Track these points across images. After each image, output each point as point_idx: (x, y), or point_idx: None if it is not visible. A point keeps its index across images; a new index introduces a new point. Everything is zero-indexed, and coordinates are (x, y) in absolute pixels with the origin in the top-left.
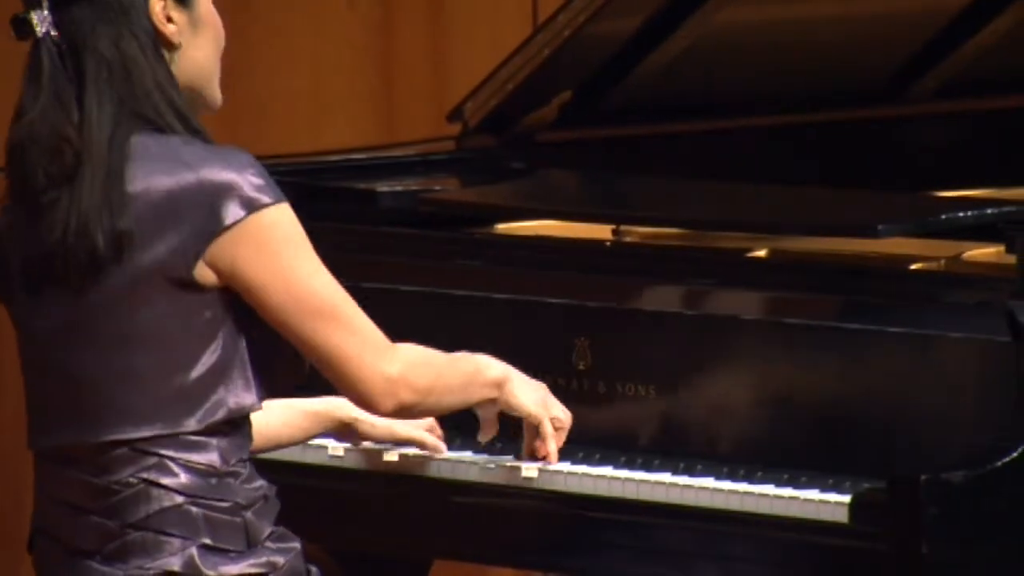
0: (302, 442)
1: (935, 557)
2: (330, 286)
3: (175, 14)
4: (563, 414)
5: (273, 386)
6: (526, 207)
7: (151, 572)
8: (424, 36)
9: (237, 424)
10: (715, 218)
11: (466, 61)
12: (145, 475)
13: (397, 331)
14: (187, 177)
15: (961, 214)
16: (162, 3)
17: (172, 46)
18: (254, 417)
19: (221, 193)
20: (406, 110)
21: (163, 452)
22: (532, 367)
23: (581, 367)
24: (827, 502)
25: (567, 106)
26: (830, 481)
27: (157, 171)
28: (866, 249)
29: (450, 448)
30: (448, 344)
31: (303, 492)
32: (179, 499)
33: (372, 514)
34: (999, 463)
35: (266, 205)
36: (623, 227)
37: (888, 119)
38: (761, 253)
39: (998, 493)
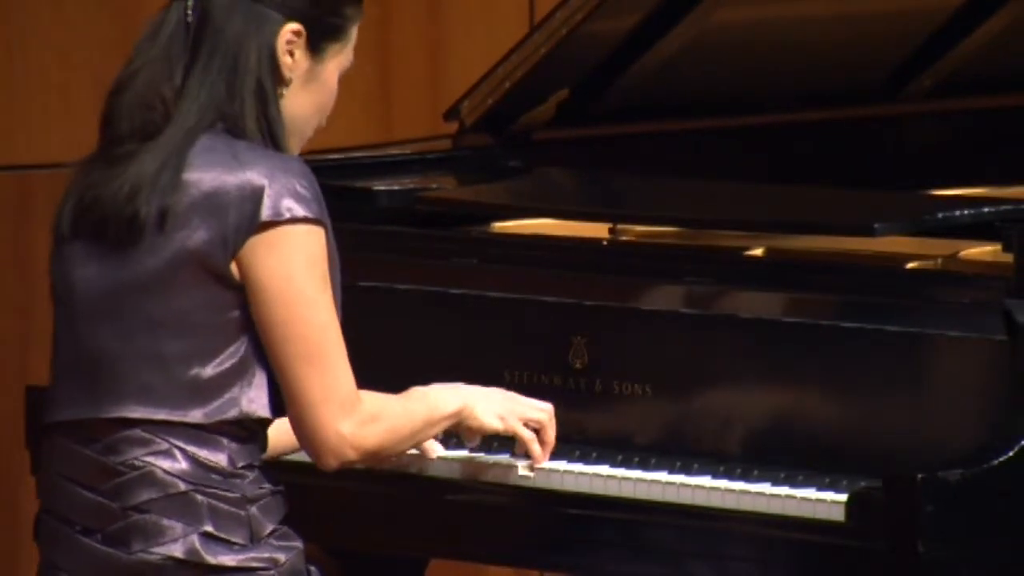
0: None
1: (931, 556)
2: (326, 325)
3: (299, 53)
4: (538, 413)
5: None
6: (523, 206)
7: (153, 557)
8: (421, 35)
9: (251, 431)
10: (712, 217)
11: (463, 60)
12: (151, 459)
13: (393, 330)
14: (239, 174)
15: (957, 213)
16: (293, 36)
17: (281, 79)
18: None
19: (267, 193)
20: (403, 109)
21: (173, 440)
22: (528, 366)
23: (578, 366)
24: (824, 501)
25: (564, 105)
26: (827, 480)
27: (215, 165)
28: (863, 248)
29: (446, 447)
30: (444, 344)
31: (301, 490)
32: (183, 486)
33: (369, 513)
34: (995, 462)
35: (301, 220)
36: (620, 226)
37: (884, 118)
38: (758, 252)
39: (994, 492)
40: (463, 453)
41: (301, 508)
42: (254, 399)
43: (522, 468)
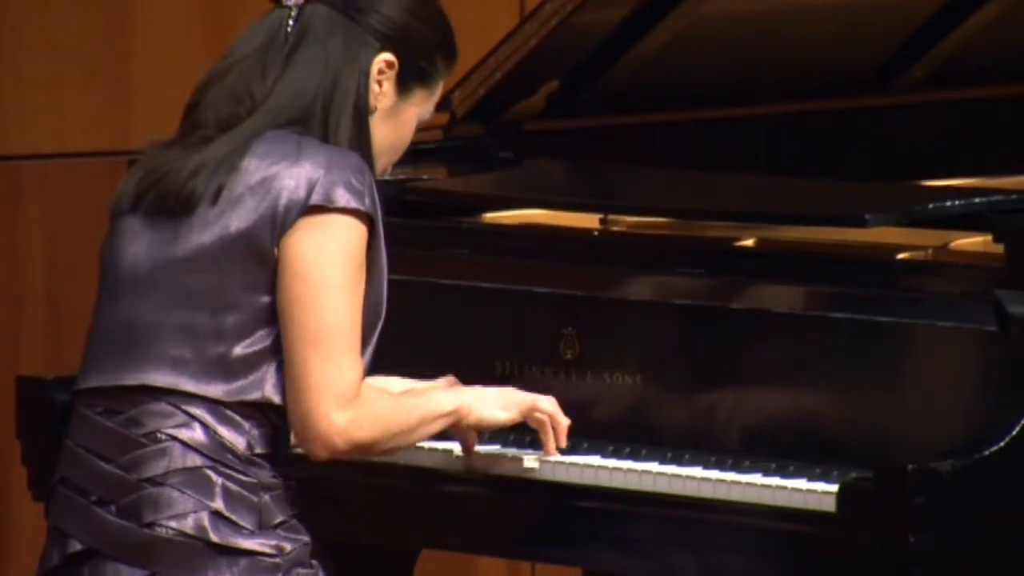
0: None
1: (922, 546)
2: (342, 314)
3: (387, 85)
4: (544, 404)
5: None
6: (513, 196)
7: (163, 530)
8: None
9: (274, 423)
10: (703, 208)
11: None
12: (173, 431)
13: (384, 321)
14: (298, 162)
15: (948, 203)
16: (385, 66)
17: (368, 105)
18: None
19: (322, 180)
20: None
21: (197, 414)
22: (519, 356)
23: (568, 356)
24: (814, 491)
25: (555, 95)
26: (817, 470)
27: (276, 154)
28: (853, 239)
29: (435, 438)
30: (435, 334)
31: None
32: (199, 460)
33: (358, 504)
34: (986, 452)
35: (348, 210)
36: (610, 216)
37: (875, 109)
38: (749, 243)
39: (985, 483)
40: (453, 444)
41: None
42: (278, 385)
43: (528, 460)
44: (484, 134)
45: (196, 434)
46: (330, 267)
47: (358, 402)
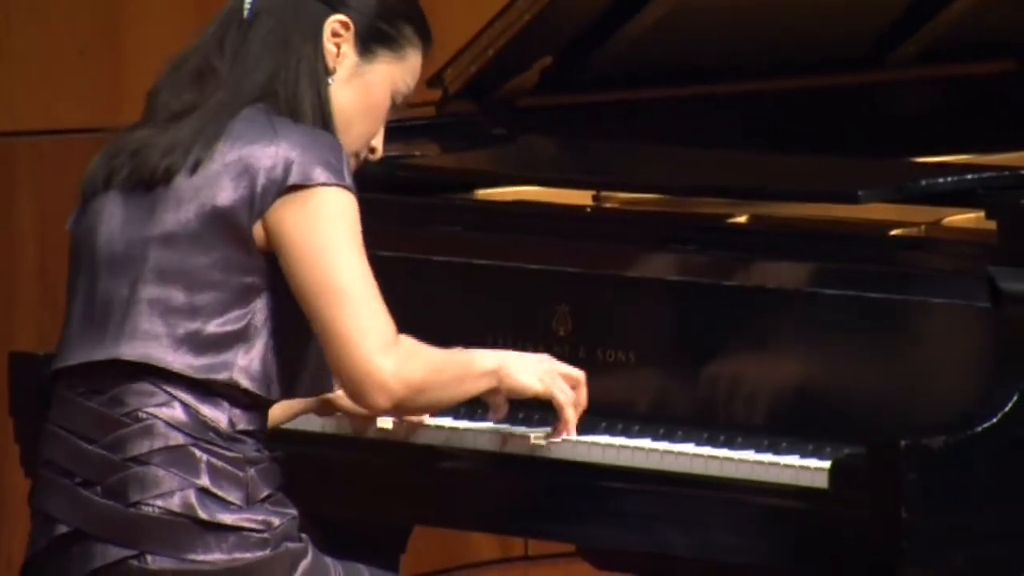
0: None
1: (914, 522)
2: (357, 269)
3: (346, 47)
4: (572, 372)
5: None
6: (506, 173)
7: (149, 509)
8: None
9: (254, 400)
10: (696, 184)
11: (446, 27)
12: (154, 411)
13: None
14: (273, 142)
15: (941, 180)
16: (340, 27)
17: (326, 67)
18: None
19: (298, 160)
20: None
21: (175, 392)
22: (512, 333)
23: (561, 333)
24: (807, 468)
25: (548, 72)
26: (810, 447)
27: (251, 134)
28: (846, 215)
29: (432, 415)
30: (428, 311)
31: (287, 458)
32: (182, 439)
33: (352, 480)
34: (979, 429)
35: (331, 185)
36: (603, 193)
37: (869, 85)
38: (742, 219)
39: (978, 459)
40: (449, 421)
41: (288, 474)
42: (245, 368)
43: (535, 438)
44: (477, 111)
45: (177, 413)
46: (329, 233)
47: (400, 345)
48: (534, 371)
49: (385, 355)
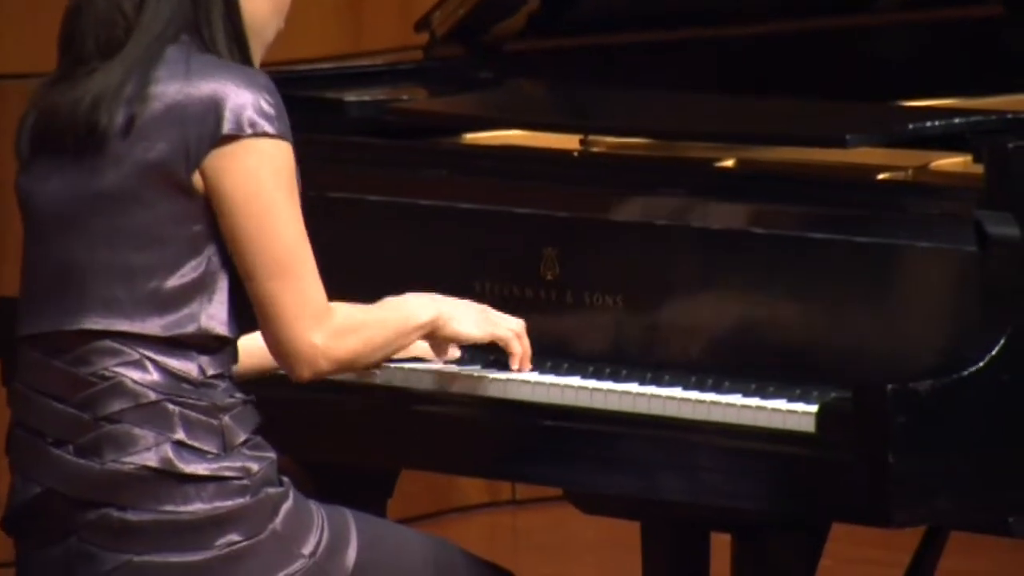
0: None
1: (901, 467)
2: (296, 238)
3: None
4: (513, 324)
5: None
6: (494, 117)
7: (127, 466)
8: None
9: (222, 343)
10: (683, 128)
11: None
12: (121, 370)
13: (363, 242)
14: (203, 86)
15: (929, 124)
16: None
17: None
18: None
19: (230, 107)
20: (373, 20)
21: (142, 351)
22: (499, 277)
23: (549, 277)
24: (794, 412)
25: (535, 15)
26: (797, 391)
27: (177, 78)
28: (834, 159)
29: (416, 360)
30: (414, 255)
31: (271, 403)
32: (153, 396)
33: (339, 424)
34: (966, 372)
35: (268, 135)
36: (591, 137)
37: (857, 28)
38: (729, 163)
39: (964, 403)
40: (435, 364)
41: (271, 420)
42: (213, 315)
43: (493, 378)
44: (464, 55)
45: (146, 372)
46: (269, 194)
47: (333, 318)
48: (472, 319)
49: (318, 331)
